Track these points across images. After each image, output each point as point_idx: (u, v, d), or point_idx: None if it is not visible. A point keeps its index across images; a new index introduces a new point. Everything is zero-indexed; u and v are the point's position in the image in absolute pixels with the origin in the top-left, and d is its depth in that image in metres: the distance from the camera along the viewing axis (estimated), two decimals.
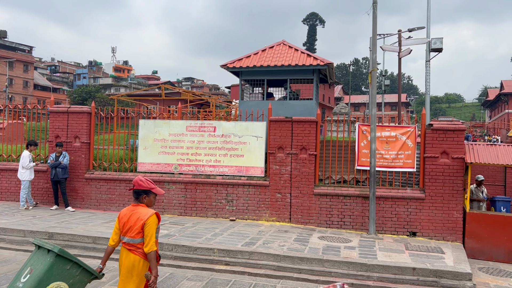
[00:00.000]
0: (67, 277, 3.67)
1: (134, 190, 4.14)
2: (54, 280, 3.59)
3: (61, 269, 3.64)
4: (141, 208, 4.06)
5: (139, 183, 4.12)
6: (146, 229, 3.92)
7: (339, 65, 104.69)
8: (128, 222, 4.01)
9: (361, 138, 10.32)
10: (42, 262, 3.64)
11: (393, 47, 17.30)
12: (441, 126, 9.81)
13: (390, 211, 9.93)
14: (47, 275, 3.57)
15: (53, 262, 3.62)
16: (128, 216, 4.05)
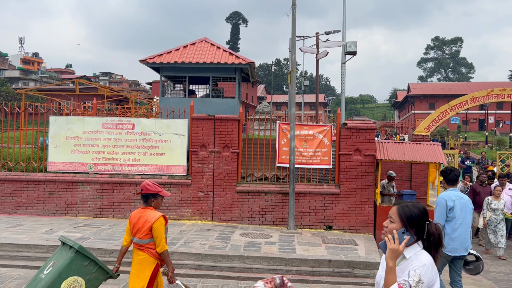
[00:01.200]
0: (84, 273, 3.91)
1: (143, 194, 4.38)
2: (72, 274, 3.85)
3: (79, 265, 3.90)
4: (149, 211, 4.33)
5: (147, 187, 4.35)
6: (155, 232, 4.22)
7: (262, 65, 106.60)
8: (137, 224, 4.30)
9: (281, 136, 10.59)
10: (64, 257, 3.93)
11: (311, 49, 18.01)
12: (355, 125, 10.40)
13: (308, 206, 10.31)
14: (66, 269, 3.84)
15: (73, 257, 3.89)
16: (137, 218, 4.33)
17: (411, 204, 2.51)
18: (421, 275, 2.29)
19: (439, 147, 10.71)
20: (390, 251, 2.34)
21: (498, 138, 36.41)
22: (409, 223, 2.46)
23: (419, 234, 2.46)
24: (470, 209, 5.63)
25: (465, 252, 5.57)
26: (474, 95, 14.70)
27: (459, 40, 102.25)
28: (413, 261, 2.38)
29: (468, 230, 5.59)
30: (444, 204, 5.54)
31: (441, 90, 65.88)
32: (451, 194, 5.62)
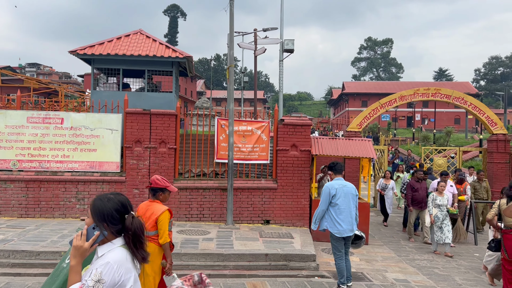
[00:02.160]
0: None
1: (151, 188, 4.70)
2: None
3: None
4: (156, 204, 4.63)
5: (156, 182, 4.67)
6: (159, 224, 4.50)
7: (201, 60, 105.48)
8: (144, 216, 4.54)
9: (220, 132, 10.54)
10: None
11: (249, 45, 18.11)
12: (291, 121, 10.60)
13: (246, 201, 10.37)
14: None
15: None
16: (144, 210, 4.63)
17: (106, 197, 2.33)
18: (102, 273, 2.13)
19: (370, 143, 11.22)
20: (74, 248, 2.20)
21: (423, 135, 38.99)
22: (98, 218, 2.28)
23: (115, 229, 2.29)
24: (352, 195, 6.42)
25: (350, 233, 6.35)
26: (402, 94, 15.58)
27: (389, 41, 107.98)
28: (100, 260, 2.23)
29: (351, 214, 6.38)
30: (327, 192, 6.36)
31: (373, 89, 69.27)
32: (334, 183, 6.42)
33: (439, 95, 15.33)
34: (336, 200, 6.34)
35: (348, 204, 6.35)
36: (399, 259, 8.94)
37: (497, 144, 14.76)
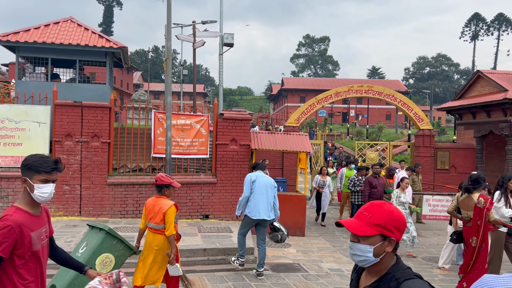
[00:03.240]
0: (113, 250, 4.54)
1: (157, 185, 5.04)
2: (104, 251, 4.49)
3: (109, 244, 4.51)
4: (163, 200, 4.99)
5: (161, 179, 5.03)
6: (166, 217, 4.85)
7: (138, 51, 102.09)
8: (152, 211, 4.97)
9: (157, 126, 10.27)
10: (95, 238, 4.54)
11: (188, 37, 17.78)
12: (231, 116, 10.58)
13: (185, 196, 10.22)
14: (99, 247, 4.48)
15: (104, 238, 4.48)
16: (152, 206, 5.00)
17: None
18: None
19: (307, 138, 11.50)
20: None
21: (357, 130, 40.76)
22: None
23: None
24: (271, 186, 7.13)
25: (266, 217, 6.93)
26: (337, 90, 16.12)
27: (326, 39, 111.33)
28: None
29: (269, 201, 7.02)
30: (249, 180, 7.10)
31: (310, 85, 71.16)
32: (254, 174, 7.22)
33: (372, 92, 16.05)
34: (255, 188, 7.02)
35: (266, 191, 7.02)
36: (333, 249, 9.27)
37: (423, 139, 15.77)
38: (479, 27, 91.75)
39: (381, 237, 1.81)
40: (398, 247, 1.87)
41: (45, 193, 2.67)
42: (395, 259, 1.87)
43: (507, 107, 14.33)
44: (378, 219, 1.82)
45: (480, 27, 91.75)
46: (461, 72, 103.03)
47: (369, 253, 1.82)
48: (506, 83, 14.97)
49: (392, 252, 1.86)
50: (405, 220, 1.87)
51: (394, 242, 1.83)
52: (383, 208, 1.85)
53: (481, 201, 6.17)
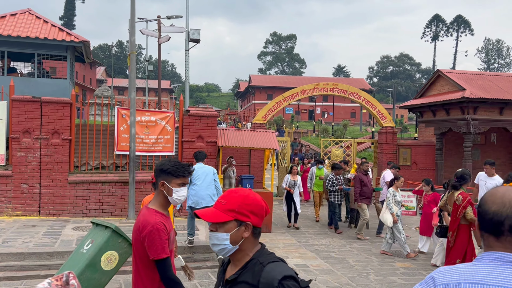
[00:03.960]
0: (118, 248, 4.60)
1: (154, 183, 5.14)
2: (109, 249, 4.56)
3: (115, 242, 4.60)
4: None
5: None
6: None
7: (102, 46, 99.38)
8: None
9: (121, 122, 10.04)
10: (101, 235, 4.63)
11: (153, 32, 17.45)
12: (197, 113, 10.48)
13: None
14: (105, 245, 4.56)
15: (110, 235, 4.55)
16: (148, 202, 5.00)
17: None
18: None
19: (274, 135, 11.57)
20: None
21: (323, 127, 41.39)
22: None
23: None
24: (209, 173, 7.71)
25: (203, 204, 7.39)
26: (303, 88, 16.29)
27: (293, 37, 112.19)
28: None
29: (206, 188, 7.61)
30: (200, 170, 7.65)
31: (277, 83, 71.56)
32: (195, 166, 7.75)
33: (337, 90, 16.32)
34: (195, 179, 7.60)
35: (205, 180, 7.64)
36: (299, 245, 9.37)
37: (386, 136, 16.19)
38: (439, 28, 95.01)
39: (236, 222, 1.75)
40: (259, 232, 1.81)
41: (182, 196, 2.84)
42: (259, 246, 1.81)
43: (465, 105, 14.93)
44: (231, 204, 1.76)
45: (440, 28, 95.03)
46: (423, 72, 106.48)
47: (226, 240, 1.76)
48: (464, 82, 15.59)
49: (253, 238, 1.80)
50: (262, 204, 1.80)
51: (251, 227, 1.76)
52: (237, 193, 1.79)
53: (459, 199, 6.47)
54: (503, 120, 15.21)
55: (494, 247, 1.44)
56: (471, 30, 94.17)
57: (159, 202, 2.82)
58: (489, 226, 1.45)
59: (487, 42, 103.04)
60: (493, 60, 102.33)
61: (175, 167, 2.79)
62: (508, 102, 14.88)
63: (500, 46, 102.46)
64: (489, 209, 1.45)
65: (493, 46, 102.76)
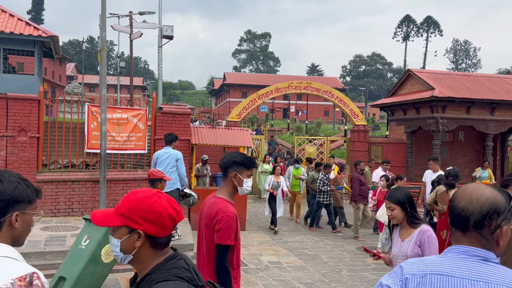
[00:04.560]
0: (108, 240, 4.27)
1: (150, 179, 5.54)
2: (107, 242, 4.63)
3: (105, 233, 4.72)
4: None
5: (154, 174, 5.57)
6: None
7: (72, 41, 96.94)
8: None
9: (91, 120, 9.81)
10: (98, 231, 4.81)
11: (125, 28, 17.13)
12: (170, 110, 10.36)
13: (122, 193, 9.86)
14: (103, 239, 4.74)
15: (106, 230, 4.49)
16: None
17: None
18: None
19: (247, 133, 11.57)
20: None
21: (297, 125, 41.73)
22: None
23: None
24: (171, 157, 7.93)
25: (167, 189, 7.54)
26: (277, 86, 16.34)
27: (268, 35, 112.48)
28: None
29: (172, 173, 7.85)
30: (155, 158, 8.12)
31: (252, 80, 71.63)
32: (161, 151, 8.10)
33: (310, 88, 16.46)
34: (158, 165, 7.90)
35: (167, 166, 7.88)
36: (273, 242, 9.41)
37: (358, 134, 16.45)
38: (410, 28, 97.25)
39: (127, 229, 1.53)
40: (161, 242, 1.57)
41: (249, 186, 3.03)
42: (162, 259, 1.57)
43: (434, 104, 15.33)
44: (124, 208, 1.56)
45: (411, 28, 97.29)
46: (394, 71, 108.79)
47: (117, 247, 1.56)
48: (434, 82, 16.00)
49: (152, 249, 1.56)
50: (161, 211, 1.55)
51: (143, 236, 1.53)
52: (134, 195, 1.58)
53: None
54: (470, 118, 15.70)
55: (461, 241, 1.49)
56: (440, 31, 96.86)
57: (227, 192, 2.97)
58: (457, 221, 1.49)
59: (455, 43, 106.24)
60: (461, 61, 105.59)
61: (246, 159, 3.01)
62: (475, 101, 15.36)
63: (468, 47, 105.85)
64: (458, 205, 1.49)
65: (461, 46, 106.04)
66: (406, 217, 3.20)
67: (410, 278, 1.45)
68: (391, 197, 3.22)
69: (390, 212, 3.21)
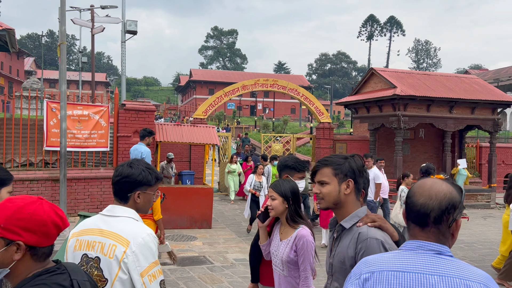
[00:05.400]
0: None
1: None
2: None
3: None
4: None
5: None
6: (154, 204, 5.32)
7: (31, 35, 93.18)
8: None
9: (51, 117, 9.46)
10: None
11: (86, 22, 16.60)
12: (134, 106, 10.14)
13: (83, 192, 9.59)
14: None
15: None
16: None
17: None
18: None
19: (214, 130, 11.48)
20: None
21: (264, 123, 41.88)
22: None
23: None
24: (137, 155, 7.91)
25: None
26: (244, 83, 16.32)
27: (234, 32, 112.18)
28: None
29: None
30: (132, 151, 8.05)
31: (219, 77, 71.32)
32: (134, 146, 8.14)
33: (277, 86, 16.54)
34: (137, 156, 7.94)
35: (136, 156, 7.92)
36: (239, 239, 9.40)
37: (323, 131, 16.69)
38: (374, 28, 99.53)
39: (3, 240, 1.40)
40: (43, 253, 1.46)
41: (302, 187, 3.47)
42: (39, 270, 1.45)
43: (396, 102, 15.75)
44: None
45: (374, 28, 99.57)
46: (359, 69, 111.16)
47: None
48: (396, 80, 16.43)
49: (32, 261, 1.44)
50: (45, 219, 1.44)
51: (23, 248, 1.41)
52: (11, 203, 1.44)
53: None
54: (430, 116, 16.23)
55: (417, 236, 1.51)
56: (403, 31, 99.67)
57: None
58: (416, 217, 1.51)
59: (417, 43, 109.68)
60: (422, 60, 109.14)
61: (297, 163, 3.31)
62: (435, 100, 15.90)
63: (428, 47, 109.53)
64: (417, 201, 1.52)
65: (422, 46, 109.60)
66: (287, 213, 2.91)
67: (367, 277, 1.47)
68: (276, 186, 2.93)
69: (270, 202, 2.91)
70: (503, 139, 31.28)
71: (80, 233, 2.07)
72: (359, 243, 1.96)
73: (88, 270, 1.95)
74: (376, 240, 1.93)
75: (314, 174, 2.16)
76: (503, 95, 17.56)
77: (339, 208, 2.10)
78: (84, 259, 1.99)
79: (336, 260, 2.09)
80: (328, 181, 2.09)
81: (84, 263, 2.00)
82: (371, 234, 1.96)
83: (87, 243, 2.02)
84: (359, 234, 1.98)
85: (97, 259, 1.97)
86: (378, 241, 1.93)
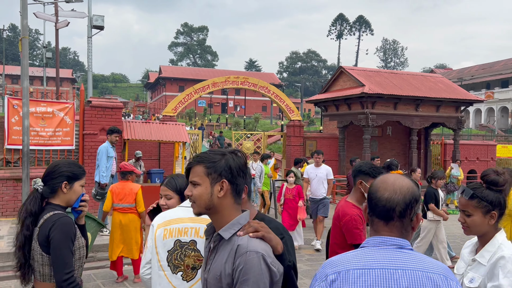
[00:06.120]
0: (89, 228, 4.85)
1: (121, 172, 6.12)
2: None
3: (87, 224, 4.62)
4: (130, 183, 6.09)
5: (125, 167, 6.14)
6: (138, 197, 5.98)
7: None
8: (121, 193, 5.97)
9: (12, 114, 9.10)
10: None
11: (50, 16, 16.03)
12: (100, 103, 9.89)
13: None
14: None
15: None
16: (121, 189, 6.01)
17: None
18: None
19: (184, 127, 11.37)
20: None
21: (235, 120, 41.81)
22: None
23: None
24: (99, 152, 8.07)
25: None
26: (214, 81, 16.21)
27: (205, 29, 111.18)
28: None
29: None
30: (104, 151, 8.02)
31: (189, 74, 70.65)
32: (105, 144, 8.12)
33: (247, 83, 16.52)
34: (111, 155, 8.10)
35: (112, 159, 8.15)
36: None
37: (293, 129, 16.80)
38: (343, 27, 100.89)
39: None
40: None
41: None
42: None
43: (364, 100, 16.04)
44: None
45: (344, 27, 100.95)
46: (328, 68, 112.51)
47: None
48: (364, 79, 16.73)
49: None
50: None
51: None
52: None
53: None
54: (397, 114, 16.62)
55: (380, 231, 1.53)
56: (371, 30, 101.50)
57: (356, 197, 3.41)
58: (382, 212, 1.53)
59: (385, 42, 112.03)
60: (390, 59, 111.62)
61: (371, 169, 3.37)
62: (401, 98, 16.29)
63: (396, 46, 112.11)
64: (382, 196, 1.53)
65: (390, 46, 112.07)
66: None
67: (334, 278, 1.46)
68: (170, 183, 2.67)
69: (165, 201, 2.64)
70: (466, 136, 32.42)
71: (167, 223, 2.29)
72: (237, 257, 1.66)
73: (184, 253, 2.24)
74: (256, 253, 1.64)
75: (188, 173, 1.81)
76: (466, 94, 18.21)
77: (214, 214, 1.76)
78: (177, 244, 2.26)
79: (211, 276, 1.74)
80: (199, 182, 1.74)
81: (177, 247, 2.26)
82: (252, 247, 1.66)
83: (178, 230, 2.27)
84: (238, 246, 1.68)
85: (193, 242, 2.25)
86: (258, 255, 1.64)
